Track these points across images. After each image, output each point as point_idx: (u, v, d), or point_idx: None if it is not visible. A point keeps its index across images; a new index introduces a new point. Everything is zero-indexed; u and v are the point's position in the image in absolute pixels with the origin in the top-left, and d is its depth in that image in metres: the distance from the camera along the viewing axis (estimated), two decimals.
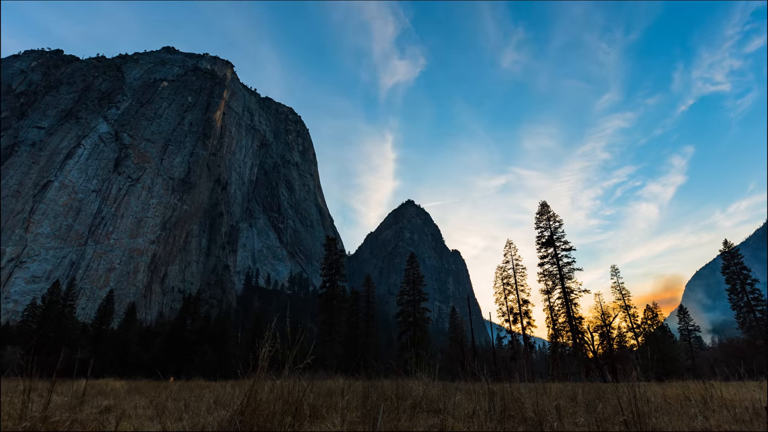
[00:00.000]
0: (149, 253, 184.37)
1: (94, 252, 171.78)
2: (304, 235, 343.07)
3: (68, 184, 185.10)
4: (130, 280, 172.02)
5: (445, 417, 4.58)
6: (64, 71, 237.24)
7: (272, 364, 5.32)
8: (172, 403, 7.45)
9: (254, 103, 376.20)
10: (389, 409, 4.77)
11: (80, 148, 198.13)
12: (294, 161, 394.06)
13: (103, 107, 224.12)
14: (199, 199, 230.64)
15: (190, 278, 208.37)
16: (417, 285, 76.36)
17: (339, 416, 4.57)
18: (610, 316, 67.77)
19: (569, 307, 61.16)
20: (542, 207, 68.47)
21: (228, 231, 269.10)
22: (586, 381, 53.11)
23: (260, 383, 4.40)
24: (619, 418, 4.17)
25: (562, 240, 64.96)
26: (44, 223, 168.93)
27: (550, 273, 64.89)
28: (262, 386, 4.38)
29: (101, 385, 14.86)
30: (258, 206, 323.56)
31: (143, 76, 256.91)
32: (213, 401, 7.37)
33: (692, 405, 5.94)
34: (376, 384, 9.25)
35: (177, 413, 5.89)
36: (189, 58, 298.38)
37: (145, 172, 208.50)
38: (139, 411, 6.73)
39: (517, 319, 67.55)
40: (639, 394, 6.40)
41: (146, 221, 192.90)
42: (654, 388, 9.94)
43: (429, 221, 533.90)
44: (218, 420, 4.51)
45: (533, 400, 5.44)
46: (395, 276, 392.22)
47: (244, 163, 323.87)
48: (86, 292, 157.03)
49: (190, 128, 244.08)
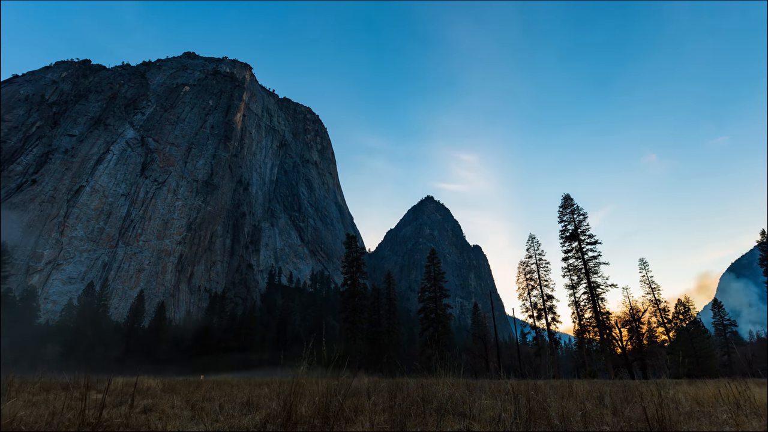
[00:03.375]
0: (176, 253, 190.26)
1: (124, 253, 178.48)
2: (324, 234, 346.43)
3: (99, 188, 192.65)
4: (159, 280, 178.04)
5: (471, 422, 4.66)
6: (92, 80, 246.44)
7: (298, 362, 5.51)
8: (207, 404, 7.80)
9: (273, 103, 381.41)
10: (416, 413, 4.89)
11: (109, 153, 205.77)
12: (313, 160, 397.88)
13: (129, 113, 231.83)
14: (222, 200, 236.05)
15: (215, 277, 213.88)
16: (438, 281, 76.17)
17: (368, 420, 4.73)
18: (639, 311, 65.90)
19: (596, 302, 59.79)
20: (565, 200, 67.06)
21: (250, 231, 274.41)
22: (614, 378, 51.95)
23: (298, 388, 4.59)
24: (643, 425, 4.13)
25: (587, 233, 63.52)
26: (78, 227, 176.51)
27: (574, 267, 63.58)
28: (299, 392, 4.56)
29: (137, 383, 15.57)
30: (279, 206, 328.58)
31: (166, 82, 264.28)
32: (246, 401, 7.68)
33: (724, 410, 5.79)
34: (401, 383, 9.39)
35: (213, 414, 6.20)
36: (209, 62, 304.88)
37: (170, 175, 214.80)
38: (177, 411, 7.09)
39: (541, 314, 66.54)
40: (667, 397, 6.29)
41: (172, 223, 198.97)
42: (685, 388, 9.68)
43: (449, 217, 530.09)
44: (254, 423, 4.75)
45: (559, 404, 5.46)
46: (416, 272, 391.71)
47: (264, 163, 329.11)
48: (118, 292, 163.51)
49: (212, 131, 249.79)
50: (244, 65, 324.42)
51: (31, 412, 4.88)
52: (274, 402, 4.85)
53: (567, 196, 67.26)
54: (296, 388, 5.38)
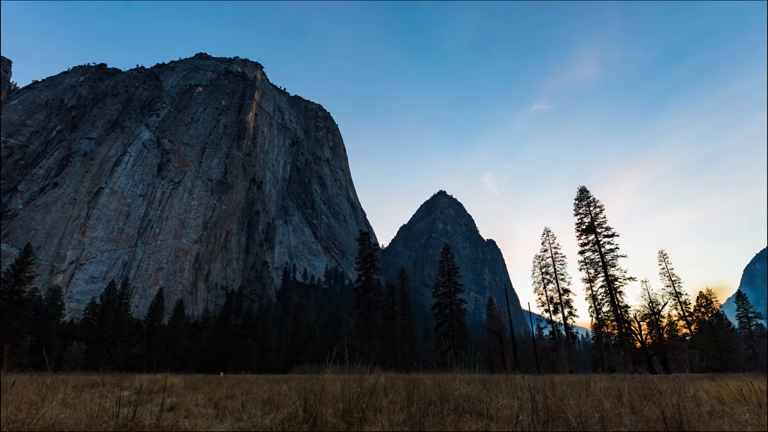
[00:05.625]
0: (193, 252, 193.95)
1: (143, 253, 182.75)
2: (337, 230, 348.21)
3: (117, 189, 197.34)
4: (177, 279, 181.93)
5: (489, 423, 4.71)
6: (109, 84, 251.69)
7: (314, 358, 5.63)
8: (229, 402, 8.04)
9: (284, 102, 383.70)
10: (433, 413, 4.97)
11: (126, 155, 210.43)
12: (325, 157, 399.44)
13: (145, 115, 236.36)
14: (237, 199, 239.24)
15: (231, 275, 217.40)
16: (452, 276, 75.89)
17: (386, 420, 4.82)
18: (659, 304, 64.64)
19: (613, 296, 58.82)
20: (581, 192, 65.93)
21: (265, 228, 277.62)
22: (634, 372, 51.01)
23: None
24: (662, 426, 4.10)
25: (603, 226, 62.38)
26: (98, 228, 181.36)
27: (591, 261, 62.58)
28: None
29: (160, 381, 16.06)
30: (292, 203, 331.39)
31: (179, 83, 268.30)
32: (266, 399, 7.88)
33: (746, 409, 5.68)
34: (418, 381, 9.48)
35: (236, 413, 6.41)
36: (221, 62, 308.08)
37: (186, 175, 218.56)
38: (201, 409, 7.35)
39: (557, 308, 65.80)
40: (687, 395, 6.23)
41: (189, 222, 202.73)
42: (707, 385, 9.51)
43: (462, 211, 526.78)
44: (276, 422, 4.89)
45: (576, 402, 5.45)
46: (429, 267, 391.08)
47: (277, 161, 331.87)
48: (138, 290, 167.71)
49: (225, 130, 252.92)
50: (255, 64, 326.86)
51: (70, 414, 5.13)
52: (297, 402, 4.99)
53: (583, 188, 66.14)
54: (315, 386, 5.53)
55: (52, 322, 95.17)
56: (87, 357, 74.42)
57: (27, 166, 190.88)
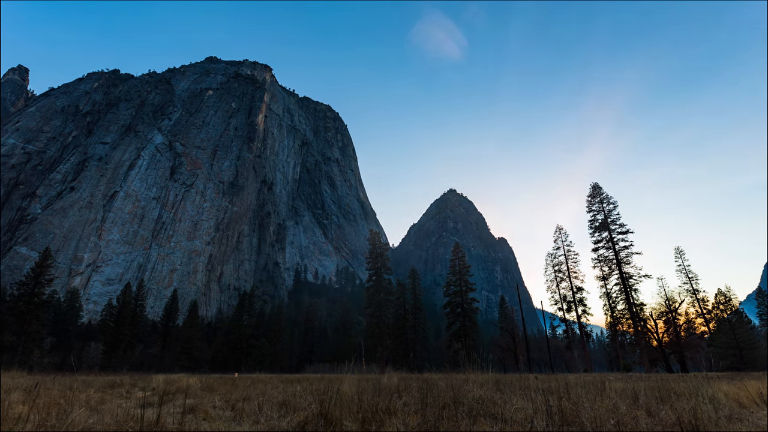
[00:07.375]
0: (206, 253, 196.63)
1: (158, 255, 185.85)
2: (348, 230, 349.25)
3: (132, 193, 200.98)
4: (191, 280, 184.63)
5: (503, 426, 4.73)
6: (122, 89, 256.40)
7: (326, 357, 5.72)
8: (246, 404, 8.18)
9: (293, 103, 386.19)
10: (447, 416, 5.01)
11: (140, 159, 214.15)
12: (334, 158, 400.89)
13: (157, 119, 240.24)
14: (248, 201, 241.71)
15: (243, 276, 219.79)
16: (463, 275, 75.60)
17: (401, 422, 4.88)
18: (676, 302, 63.47)
19: (628, 294, 57.93)
20: (594, 189, 65.05)
21: (276, 229, 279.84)
22: (650, 371, 50.17)
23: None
24: (678, 429, 4.07)
25: (617, 223, 61.47)
26: (114, 230, 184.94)
27: (605, 258, 61.72)
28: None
29: (177, 382, 16.36)
30: (302, 204, 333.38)
31: (190, 87, 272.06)
32: (282, 401, 8.00)
33: (766, 413, 5.58)
34: (431, 382, 9.51)
35: (253, 415, 6.54)
36: (230, 65, 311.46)
37: (198, 177, 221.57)
38: (219, 411, 7.50)
39: (570, 307, 65.10)
40: (705, 397, 6.13)
41: (201, 224, 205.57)
42: (726, 387, 9.34)
43: (472, 210, 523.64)
44: (292, 425, 4.99)
45: (591, 405, 5.43)
46: (440, 266, 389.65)
47: (287, 163, 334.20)
48: (153, 292, 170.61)
49: (236, 133, 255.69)
50: (264, 67, 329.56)
51: (98, 419, 5.31)
52: (313, 404, 5.07)
53: (596, 184, 65.26)
54: (329, 388, 5.61)
55: (71, 324, 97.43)
56: (104, 357, 76.04)
57: (45, 172, 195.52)
